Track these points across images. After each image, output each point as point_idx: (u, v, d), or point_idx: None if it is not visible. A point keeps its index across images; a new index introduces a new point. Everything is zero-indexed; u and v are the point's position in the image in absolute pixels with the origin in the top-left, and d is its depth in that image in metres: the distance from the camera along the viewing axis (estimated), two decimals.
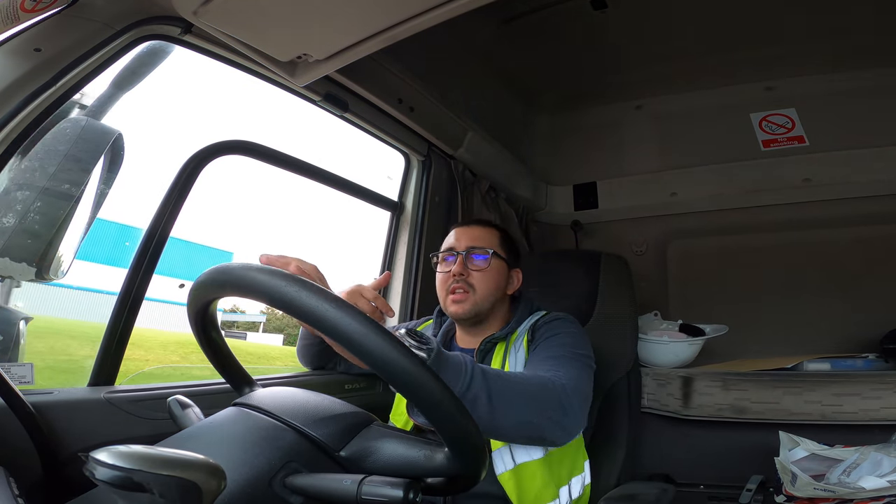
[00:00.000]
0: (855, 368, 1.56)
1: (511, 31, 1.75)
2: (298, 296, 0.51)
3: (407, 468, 0.59)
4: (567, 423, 0.89)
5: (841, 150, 1.85)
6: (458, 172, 1.79)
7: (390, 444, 0.61)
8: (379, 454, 0.60)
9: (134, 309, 0.99)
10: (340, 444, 0.60)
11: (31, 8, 0.80)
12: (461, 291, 1.11)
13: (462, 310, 1.11)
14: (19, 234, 0.70)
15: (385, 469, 0.59)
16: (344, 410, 0.65)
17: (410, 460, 0.59)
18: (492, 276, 1.13)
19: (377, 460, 0.60)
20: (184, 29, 1.03)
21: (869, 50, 1.75)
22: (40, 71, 0.84)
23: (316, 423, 0.61)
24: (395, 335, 0.52)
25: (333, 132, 1.57)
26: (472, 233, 1.17)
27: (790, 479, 1.28)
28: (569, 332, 1.07)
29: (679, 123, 2.09)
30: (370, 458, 0.60)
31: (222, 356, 0.73)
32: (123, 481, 0.37)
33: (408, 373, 0.49)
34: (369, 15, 1.03)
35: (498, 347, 1.12)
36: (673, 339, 1.77)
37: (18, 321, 0.94)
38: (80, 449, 0.82)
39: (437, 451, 0.58)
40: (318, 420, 0.62)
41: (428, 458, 0.58)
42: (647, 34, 1.78)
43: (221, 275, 0.58)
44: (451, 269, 1.13)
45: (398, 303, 1.64)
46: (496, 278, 1.14)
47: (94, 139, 0.78)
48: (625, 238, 2.21)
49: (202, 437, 0.60)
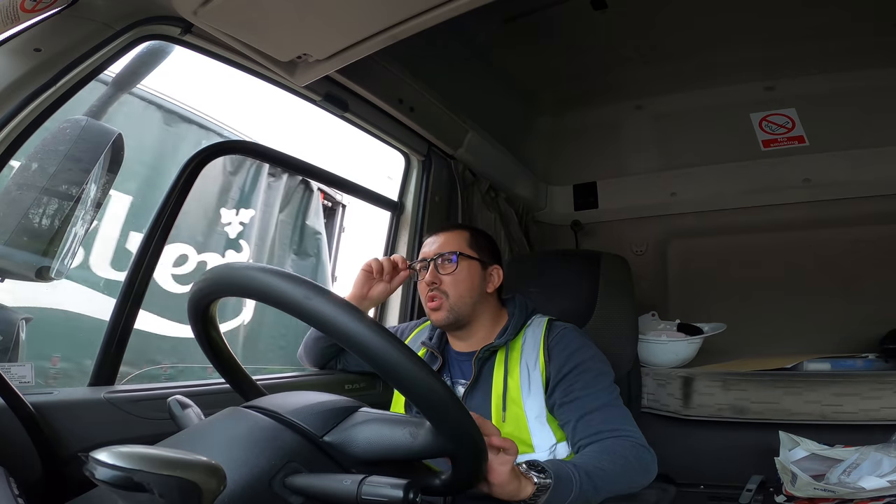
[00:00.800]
0: (855, 368, 1.56)
1: (511, 31, 1.75)
2: (299, 296, 0.51)
3: (392, 450, 0.58)
4: (650, 474, 0.97)
5: (841, 150, 1.85)
6: (458, 172, 1.79)
7: (374, 426, 0.60)
8: (362, 438, 0.60)
9: (134, 308, 0.99)
10: (323, 430, 0.60)
11: (31, 8, 0.80)
12: (437, 299, 1.10)
13: (440, 317, 1.11)
14: (19, 233, 0.70)
15: (370, 453, 0.59)
16: (331, 399, 0.65)
17: (395, 441, 0.58)
18: (462, 278, 1.11)
19: (361, 444, 0.59)
20: (184, 29, 1.03)
21: (869, 50, 1.75)
22: (40, 71, 0.84)
23: (298, 411, 0.61)
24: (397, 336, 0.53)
25: (334, 132, 1.57)
26: (439, 239, 1.16)
27: (790, 479, 1.28)
28: (591, 358, 1.06)
29: (679, 123, 2.09)
30: (354, 443, 0.59)
31: (223, 358, 0.73)
32: (123, 481, 0.37)
33: (376, 345, 0.51)
34: (369, 15, 1.03)
35: (498, 355, 1.10)
36: (672, 339, 1.77)
37: (18, 321, 0.94)
38: (80, 449, 0.82)
39: (420, 427, 0.57)
40: (302, 408, 0.62)
41: (413, 436, 0.58)
42: (647, 34, 1.78)
43: (222, 275, 0.58)
44: (425, 277, 1.12)
45: (398, 303, 1.64)
46: (468, 279, 1.11)
47: (94, 139, 0.78)
48: (625, 238, 2.21)
49: (202, 437, 0.60)
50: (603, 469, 0.88)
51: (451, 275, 1.11)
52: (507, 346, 1.10)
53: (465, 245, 1.15)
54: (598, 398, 1.00)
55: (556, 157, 2.27)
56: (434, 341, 1.18)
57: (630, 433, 0.97)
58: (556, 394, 1.03)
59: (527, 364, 1.07)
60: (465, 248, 1.14)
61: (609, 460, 0.91)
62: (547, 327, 1.11)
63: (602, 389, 1.02)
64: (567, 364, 1.04)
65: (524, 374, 1.06)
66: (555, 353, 1.06)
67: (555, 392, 1.03)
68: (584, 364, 1.04)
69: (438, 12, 1.01)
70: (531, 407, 1.04)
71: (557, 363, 1.04)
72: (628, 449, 0.95)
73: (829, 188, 1.88)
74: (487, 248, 1.19)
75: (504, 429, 1.03)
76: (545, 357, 1.06)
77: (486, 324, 1.15)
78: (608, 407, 1.00)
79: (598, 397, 1.01)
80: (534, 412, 1.03)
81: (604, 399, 1.01)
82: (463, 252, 1.13)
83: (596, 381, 1.03)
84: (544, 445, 1.03)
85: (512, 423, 1.04)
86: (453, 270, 1.11)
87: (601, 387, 1.02)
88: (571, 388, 1.02)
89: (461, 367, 1.15)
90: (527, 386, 1.05)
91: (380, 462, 0.59)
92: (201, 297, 0.63)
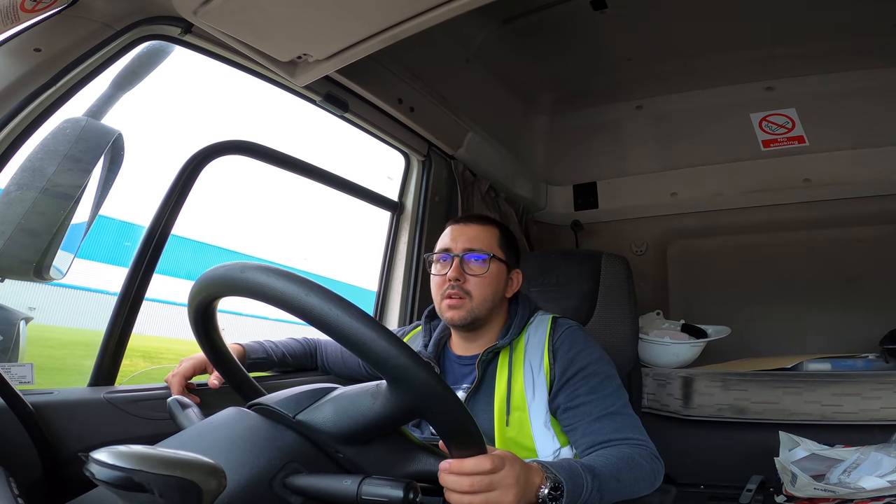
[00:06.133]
0: (855, 368, 1.56)
1: (511, 31, 1.75)
2: (298, 296, 0.51)
3: (358, 417, 0.58)
4: (656, 486, 0.90)
5: (841, 150, 1.85)
6: (458, 172, 1.79)
7: (339, 398, 0.61)
8: (330, 411, 0.60)
9: (134, 309, 0.99)
10: (296, 410, 0.60)
11: (31, 8, 0.80)
12: (457, 297, 1.02)
13: (459, 316, 1.03)
14: (19, 233, 0.70)
15: (339, 425, 0.59)
16: (311, 385, 0.65)
17: (358, 408, 0.58)
18: (490, 282, 1.04)
19: (330, 417, 0.59)
20: (184, 29, 1.03)
21: (869, 50, 1.75)
22: (40, 71, 0.84)
23: (275, 396, 0.63)
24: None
25: (334, 132, 1.57)
26: (470, 232, 1.07)
27: (790, 479, 1.28)
28: (598, 360, 1.00)
29: (679, 123, 2.09)
30: (324, 418, 0.59)
31: (223, 358, 0.73)
32: (123, 481, 0.37)
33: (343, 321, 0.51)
34: (369, 15, 1.03)
35: (501, 357, 1.05)
36: (675, 341, 1.77)
37: (18, 321, 0.94)
38: (80, 449, 0.82)
39: (379, 387, 0.57)
40: (283, 395, 0.63)
41: (374, 396, 0.58)
42: (647, 34, 1.78)
43: (221, 275, 0.58)
44: (447, 272, 1.04)
45: (398, 304, 1.64)
46: (494, 283, 1.04)
47: (94, 139, 0.78)
48: (625, 238, 2.22)
49: (202, 437, 0.60)
50: (619, 480, 0.82)
51: (480, 277, 1.03)
52: (510, 346, 1.05)
53: (496, 245, 1.07)
54: (606, 404, 0.95)
55: (556, 157, 2.27)
56: (430, 349, 1.11)
57: (644, 442, 0.92)
58: (561, 397, 0.98)
59: (531, 365, 1.02)
60: (496, 248, 1.07)
61: (621, 474, 0.84)
62: (551, 325, 1.05)
63: (609, 395, 0.96)
64: (572, 366, 0.99)
65: (528, 377, 1.01)
66: (560, 353, 1.01)
67: (559, 395, 0.98)
68: (590, 367, 0.99)
69: (438, 12, 1.01)
70: (536, 412, 1.00)
71: (562, 364, 0.99)
72: (646, 459, 0.89)
73: (829, 188, 1.88)
74: (514, 249, 1.12)
75: (507, 433, 1.00)
76: (550, 357, 1.01)
77: (496, 327, 1.09)
78: (617, 415, 0.94)
79: (606, 403, 0.95)
80: (539, 418, 0.99)
81: (612, 405, 0.95)
82: (495, 255, 1.05)
83: (602, 386, 0.97)
84: (547, 451, 0.99)
85: (515, 427, 1.00)
86: (482, 273, 1.03)
87: (608, 391, 0.97)
88: (577, 393, 0.97)
89: (462, 373, 1.09)
90: (531, 390, 1.00)
91: (355, 435, 0.59)
92: (201, 297, 0.63)
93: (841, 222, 1.91)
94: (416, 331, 1.22)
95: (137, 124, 1.13)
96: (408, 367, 0.51)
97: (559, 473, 0.72)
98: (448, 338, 1.15)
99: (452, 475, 0.61)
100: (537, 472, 0.71)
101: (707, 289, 2.08)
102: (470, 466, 0.60)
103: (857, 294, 1.85)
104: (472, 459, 0.60)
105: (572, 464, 0.78)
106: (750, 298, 1.99)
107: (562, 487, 0.71)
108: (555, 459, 0.98)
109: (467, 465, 0.60)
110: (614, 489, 0.80)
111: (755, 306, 1.97)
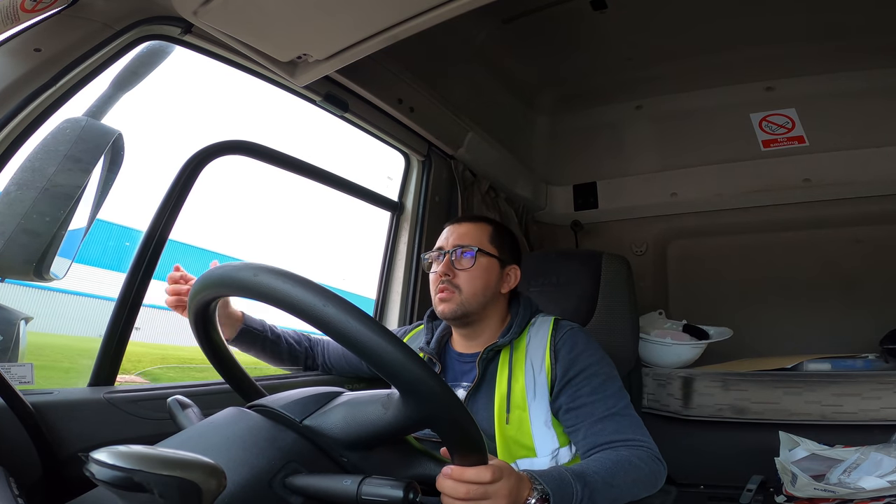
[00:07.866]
0: (855, 368, 1.56)
1: (511, 31, 1.75)
2: (299, 295, 0.51)
3: (368, 425, 0.58)
4: (657, 487, 0.91)
5: (841, 150, 1.85)
6: (458, 172, 1.79)
7: (348, 404, 0.60)
8: (339, 418, 0.60)
9: (133, 310, 0.99)
10: (303, 414, 0.60)
11: (31, 8, 0.80)
12: (447, 291, 1.06)
13: (448, 309, 1.06)
14: (19, 234, 0.70)
15: (347, 432, 0.58)
16: (317, 389, 0.65)
17: (368, 416, 0.58)
18: (478, 276, 1.06)
19: (338, 424, 0.59)
20: (184, 29, 1.03)
21: (869, 50, 1.75)
22: (40, 71, 0.84)
23: (284, 402, 0.62)
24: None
25: (334, 132, 1.57)
26: (460, 230, 1.11)
27: (790, 480, 1.28)
28: (599, 361, 1.01)
29: (679, 123, 2.09)
30: (332, 424, 0.59)
31: (223, 359, 0.73)
32: (123, 481, 0.37)
33: (342, 319, 0.50)
34: (369, 15, 1.03)
35: (502, 356, 1.06)
36: (676, 342, 1.77)
37: (18, 321, 0.94)
38: (80, 449, 0.82)
39: (391, 397, 0.57)
40: (288, 399, 0.63)
41: (385, 406, 0.57)
42: (647, 34, 1.78)
43: (221, 275, 0.58)
44: (439, 269, 1.08)
45: (398, 304, 1.64)
46: (483, 277, 1.07)
47: (94, 139, 0.78)
48: (625, 238, 2.22)
49: (202, 437, 0.60)
50: (612, 485, 0.83)
51: (468, 271, 1.06)
52: (511, 345, 1.06)
53: (485, 240, 1.10)
54: (608, 405, 0.96)
55: (556, 157, 2.27)
56: (432, 346, 1.13)
57: (645, 443, 0.93)
58: (562, 398, 0.99)
59: (532, 365, 1.03)
60: (486, 243, 1.09)
61: (619, 480, 0.85)
62: (553, 327, 1.07)
63: (611, 395, 0.97)
64: (574, 367, 1.00)
65: (529, 377, 1.02)
66: (562, 354, 1.02)
67: (560, 396, 0.99)
68: (592, 368, 1.00)
69: (438, 12, 1.01)
70: (537, 412, 1.00)
71: (564, 365, 1.00)
72: (645, 461, 0.90)
73: (829, 188, 1.88)
74: (509, 245, 1.14)
75: (507, 432, 1.01)
76: (551, 357, 1.02)
77: (494, 324, 1.11)
78: (619, 416, 0.95)
79: (608, 404, 0.96)
80: (540, 417, 1.00)
81: (613, 406, 0.96)
82: (483, 249, 1.08)
83: (605, 387, 0.98)
84: (546, 450, 1.00)
85: (515, 426, 1.01)
86: (469, 267, 1.06)
87: (610, 392, 0.98)
88: (578, 394, 0.98)
89: (463, 370, 1.11)
90: (532, 389, 1.01)
91: (363, 441, 0.59)
92: (201, 297, 0.63)
93: (841, 222, 1.91)
94: (417, 330, 1.24)
95: (137, 124, 1.13)
96: (423, 380, 0.52)
97: (546, 484, 0.73)
98: (450, 336, 1.17)
99: (451, 481, 0.62)
100: (526, 483, 0.72)
101: (707, 289, 2.08)
102: (470, 475, 0.62)
103: (857, 294, 1.85)
104: (473, 469, 0.61)
105: (562, 472, 0.78)
106: (750, 298, 1.99)
107: (549, 498, 0.72)
108: (552, 460, 0.99)
109: (468, 473, 0.61)
110: (607, 494, 0.81)
111: (755, 306, 1.97)
